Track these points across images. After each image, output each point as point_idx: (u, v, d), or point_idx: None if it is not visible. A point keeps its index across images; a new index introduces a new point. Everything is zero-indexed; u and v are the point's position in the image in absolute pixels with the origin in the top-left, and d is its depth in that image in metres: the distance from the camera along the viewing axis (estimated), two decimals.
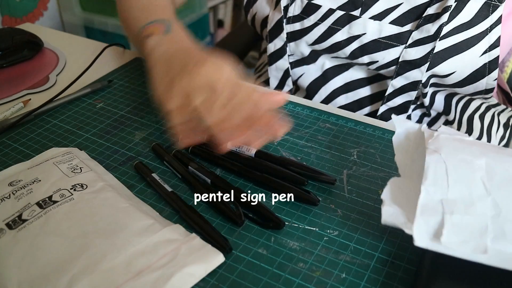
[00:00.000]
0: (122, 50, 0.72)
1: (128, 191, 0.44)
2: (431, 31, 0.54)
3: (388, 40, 0.57)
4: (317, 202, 0.43)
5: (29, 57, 0.69)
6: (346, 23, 0.58)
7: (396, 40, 0.56)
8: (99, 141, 0.52)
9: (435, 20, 0.54)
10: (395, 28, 0.56)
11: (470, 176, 0.37)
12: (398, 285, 0.36)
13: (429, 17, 0.54)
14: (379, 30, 0.57)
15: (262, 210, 0.42)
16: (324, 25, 0.59)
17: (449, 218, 0.34)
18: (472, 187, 0.36)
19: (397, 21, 0.56)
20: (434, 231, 0.34)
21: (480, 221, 0.34)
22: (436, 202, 0.36)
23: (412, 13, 0.56)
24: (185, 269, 0.36)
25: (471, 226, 0.34)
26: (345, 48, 0.59)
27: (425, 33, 0.55)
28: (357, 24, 0.58)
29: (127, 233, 0.38)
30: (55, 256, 0.36)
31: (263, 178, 0.45)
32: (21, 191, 0.42)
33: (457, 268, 0.35)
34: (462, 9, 0.53)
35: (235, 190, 0.43)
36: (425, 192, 0.36)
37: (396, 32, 0.56)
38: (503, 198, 0.36)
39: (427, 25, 0.54)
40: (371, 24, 0.57)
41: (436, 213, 0.35)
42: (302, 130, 0.54)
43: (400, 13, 0.56)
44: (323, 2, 0.59)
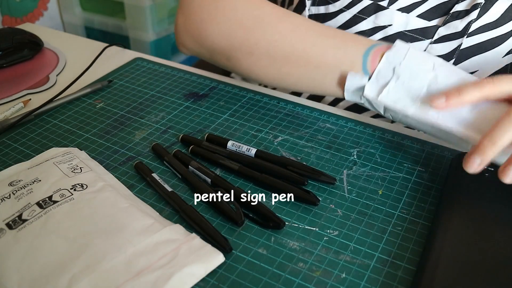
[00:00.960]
0: (122, 50, 0.72)
1: (128, 191, 0.44)
2: (458, 28, 0.54)
3: (414, 34, 0.56)
4: (317, 202, 0.43)
5: (29, 57, 0.69)
6: (372, 12, 0.57)
7: (422, 34, 0.56)
8: (99, 141, 0.52)
9: (464, 16, 0.53)
10: (422, 22, 0.56)
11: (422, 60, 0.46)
12: (398, 285, 0.36)
13: (457, 14, 0.54)
14: (406, 22, 0.56)
15: (262, 210, 0.42)
16: (349, 12, 0.58)
17: (394, 81, 0.46)
18: (421, 64, 0.46)
19: (424, 15, 0.56)
20: (379, 89, 0.46)
21: (418, 87, 0.45)
22: (390, 68, 0.46)
23: (440, 8, 0.55)
24: (185, 269, 0.36)
25: (409, 91, 0.45)
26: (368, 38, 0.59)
27: (453, 29, 0.54)
28: (384, 14, 0.57)
29: (127, 233, 0.38)
30: (55, 256, 0.36)
31: (263, 178, 0.45)
32: (21, 191, 0.42)
33: (457, 268, 0.35)
34: (490, 8, 0.53)
35: (235, 190, 0.43)
36: (385, 58, 0.47)
37: (423, 26, 0.56)
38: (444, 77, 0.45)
39: (455, 22, 0.54)
40: (398, 16, 0.56)
41: (386, 76, 0.46)
42: (302, 130, 0.54)
43: (429, 7, 0.56)
44: None
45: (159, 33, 1.48)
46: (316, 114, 0.57)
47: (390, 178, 0.47)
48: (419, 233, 0.41)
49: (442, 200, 0.43)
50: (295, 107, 0.58)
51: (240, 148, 0.49)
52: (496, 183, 0.43)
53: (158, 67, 0.67)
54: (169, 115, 0.56)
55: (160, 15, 1.47)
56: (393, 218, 0.42)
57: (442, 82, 0.44)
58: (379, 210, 0.43)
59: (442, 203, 0.42)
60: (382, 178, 0.47)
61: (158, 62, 0.69)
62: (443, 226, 0.39)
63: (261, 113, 0.57)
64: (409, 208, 0.43)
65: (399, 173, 0.47)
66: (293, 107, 0.58)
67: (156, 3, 1.42)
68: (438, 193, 0.45)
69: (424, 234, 0.41)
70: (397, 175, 0.47)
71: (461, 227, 0.39)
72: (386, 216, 0.42)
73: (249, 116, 0.56)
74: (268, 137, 0.53)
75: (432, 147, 0.51)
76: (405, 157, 0.50)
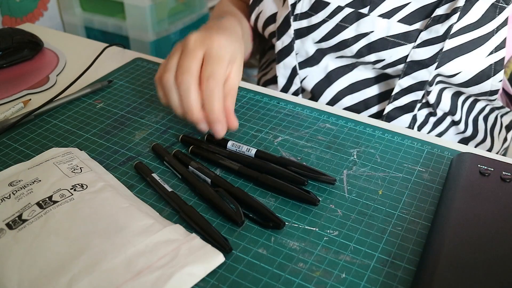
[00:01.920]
0: (122, 50, 0.72)
1: (128, 191, 0.44)
2: (440, 32, 0.54)
3: (396, 39, 0.57)
4: (317, 202, 0.43)
5: (29, 57, 0.69)
6: (354, 20, 0.58)
7: (404, 39, 0.56)
8: (99, 141, 0.52)
9: (444, 20, 0.54)
10: (403, 27, 0.56)
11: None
12: (398, 285, 0.36)
13: (438, 18, 0.54)
14: (387, 28, 0.57)
15: (262, 210, 0.42)
16: (332, 22, 0.59)
17: None
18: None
19: (405, 20, 0.56)
20: None
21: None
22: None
23: (420, 13, 0.56)
24: (185, 269, 0.36)
25: None
26: (352, 46, 0.59)
27: (434, 34, 0.55)
28: (365, 21, 0.57)
29: (127, 233, 0.38)
30: (55, 256, 0.36)
31: (264, 178, 0.45)
32: (21, 191, 0.42)
33: (456, 268, 0.35)
34: (470, 9, 0.53)
35: (235, 190, 0.43)
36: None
37: (404, 30, 0.56)
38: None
39: (436, 26, 0.54)
40: (379, 22, 0.57)
41: None
42: (302, 130, 0.54)
43: (409, 11, 0.56)
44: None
45: (159, 33, 1.48)
46: (316, 114, 0.57)
47: (390, 178, 0.47)
48: (419, 233, 0.41)
49: (442, 200, 0.43)
50: (295, 107, 0.58)
51: (240, 148, 0.49)
52: (496, 184, 0.43)
53: (158, 67, 0.67)
54: (169, 115, 0.56)
55: (160, 15, 1.47)
56: (393, 218, 0.42)
57: None
58: (379, 210, 0.43)
59: (442, 203, 0.42)
60: (382, 178, 0.47)
61: (158, 62, 0.69)
62: (443, 226, 0.39)
63: (261, 113, 0.57)
64: (409, 208, 0.43)
65: (399, 173, 0.47)
66: (293, 107, 0.58)
67: (156, 3, 1.42)
68: (438, 193, 0.45)
69: (424, 234, 0.41)
70: (397, 175, 0.47)
71: (461, 227, 0.39)
72: (386, 216, 0.42)
73: (249, 116, 0.56)
74: (268, 137, 0.53)
75: (432, 147, 0.51)
76: (405, 157, 0.50)
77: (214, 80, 0.46)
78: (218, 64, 0.46)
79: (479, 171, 0.45)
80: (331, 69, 0.65)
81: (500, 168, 0.45)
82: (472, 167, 0.45)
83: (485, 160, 0.46)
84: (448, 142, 0.52)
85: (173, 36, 1.56)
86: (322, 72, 0.65)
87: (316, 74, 0.66)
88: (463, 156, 0.47)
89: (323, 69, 0.65)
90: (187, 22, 1.59)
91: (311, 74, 0.66)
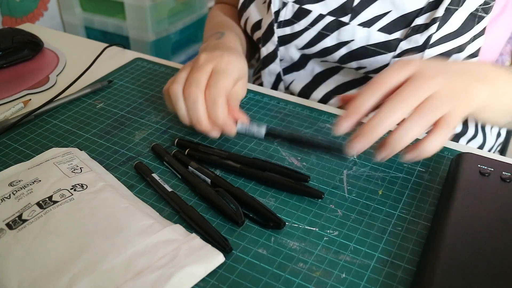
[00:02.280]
0: (122, 50, 0.72)
1: (128, 191, 0.44)
2: (419, 42, 0.54)
3: (376, 48, 0.57)
4: (322, 195, 0.43)
5: (29, 57, 0.69)
6: (335, 28, 0.58)
7: (384, 48, 0.56)
8: (99, 141, 0.52)
9: (423, 30, 0.54)
10: (383, 36, 0.56)
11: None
12: (398, 285, 0.36)
13: (418, 28, 0.54)
14: (367, 37, 0.57)
15: (262, 210, 0.42)
16: (314, 30, 0.60)
17: None
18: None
19: (385, 29, 0.56)
20: None
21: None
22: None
23: (400, 22, 0.56)
24: (185, 269, 0.36)
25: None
26: (334, 53, 0.60)
27: (414, 43, 0.55)
28: (346, 30, 0.58)
29: (127, 233, 0.38)
30: (55, 256, 0.36)
31: (266, 176, 0.45)
32: (21, 191, 0.42)
33: (456, 268, 0.35)
34: (449, 18, 0.53)
35: (235, 190, 0.43)
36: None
37: (384, 40, 0.56)
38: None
39: (415, 36, 0.54)
40: (359, 31, 0.57)
41: None
42: (302, 130, 0.54)
43: (389, 20, 0.56)
44: (313, 7, 0.59)
45: (159, 33, 1.48)
46: (316, 114, 0.57)
47: (390, 178, 0.47)
48: (419, 233, 0.41)
49: (442, 200, 0.43)
50: (295, 107, 0.58)
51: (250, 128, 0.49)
52: (496, 184, 0.43)
53: (158, 67, 0.67)
54: (169, 115, 0.56)
55: (160, 15, 1.47)
56: (393, 218, 0.42)
57: None
58: (379, 210, 0.43)
59: (442, 203, 0.42)
60: (382, 178, 0.47)
61: (158, 62, 0.69)
62: (443, 226, 0.39)
63: (261, 113, 0.57)
64: (409, 208, 0.43)
65: (399, 173, 0.47)
66: (293, 107, 0.58)
67: (156, 3, 1.42)
68: (438, 193, 0.45)
69: (424, 234, 0.41)
70: (397, 175, 0.47)
71: (461, 227, 0.39)
72: (386, 216, 0.42)
73: (249, 116, 0.56)
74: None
75: None
76: None
77: (217, 88, 0.47)
78: (223, 77, 0.48)
79: (479, 171, 0.45)
80: (317, 72, 0.65)
81: (500, 168, 0.45)
82: (472, 167, 0.45)
83: (485, 160, 0.46)
84: (448, 142, 0.52)
85: (173, 36, 1.55)
86: (309, 75, 0.66)
87: (302, 77, 0.66)
88: (463, 156, 0.47)
89: (309, 73, 0.66)
90: (187, 22, 1.59)
91: (298, 78, 0.67)
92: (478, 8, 0.53)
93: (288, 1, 0.60)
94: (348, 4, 0.58)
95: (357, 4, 0.57)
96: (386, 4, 0.56)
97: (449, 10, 0.53)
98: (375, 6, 0.56)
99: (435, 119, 0.40)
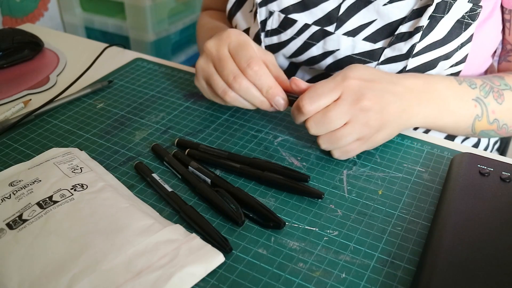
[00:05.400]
0: (122, 50, 0.72)
1: (128, 191, 0.45)
2: (403, 50, 0.54)
3: (361, 57, 0.56)
4: (322, 195, 0.44)
5: (29, 57, 0.69)
6: (321, 38, 0.58)
7: (369, 57, 0.56)
8: (99, 141, 0.52)
9: (407, 39, 0.53)
10: (368, 45, 0.56)
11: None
12: (398, 285, 0.36)
13: (402, 35, 0.54)
14: (353, 46, 0.57)
15: (262, 210, 0.42)
16: (300, 39, 0.59)
17: None
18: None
19: (370, 38, 0.56)
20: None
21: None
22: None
23: (385, 30, 0.55)
24: (185, 269, 0.36)
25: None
26: (320, 62, 0.59)
27: (397, 52, 0.54)
28: (331, 40, 0.57)
29: (127, 233, 0.38)
30: (55, 256, 0.36)
31: (267, 176, 0.45)
32: (22, 191, 0.42)
33: (456, 268, 0.35)
34: (435, 27, 0.52)
35: (235, 190, 0.44)
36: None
37: (369, 49, 0.56)
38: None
39: (399, 44, 0.54)
40: (344, 40, 0.57)
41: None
42: (302, 130, 0.54)
43: (374, 29, 0.56)
44: (299, 17, 0.59)
45: (159, 33, 1.48)
46: None
47: (390, 178, 0.47)
48: (419, 233, 0.41)
49: (441, 200, 0.43)
50: None
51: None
52: (496, 184, 0.43)
53: (158, 67, 0.67)
54: (169, 115, 0.56)
55: (160, 15, 1.47)
56: (393, 218, 0.42)
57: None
58: (379, 210, 0.43)
59: (442, 203, 0.42)
60: (382, 178, 0.47)
61: (158, 62, 0.69)
62: (443, 226, 0.39)
63: (261, 113, 0.57)
64: (409, 208, 0.43)
65: (399, 173, 0.47)
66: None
67: (156, 3, 1.43)
68: (438, 193, 0.45)
69: (424, 234, 0.41)
70: (397, 175, 0.47)
71: (461, 227, 0.39)
72: (386, 216, 0.43)
73: (249, 116, 0.56)
74: (268, 137, 0.53)
75: (432, 147, 0.51)
76: (404, 157, 0.50)
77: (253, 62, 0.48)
78: (245, 48, 0.49)
79: (479, 171, 0.45)
80: (307, 79, 0.65)
81: (500, 168, 0.45)
82: (472, 167, 0.45)
83: (484, 160, 0.46)
84: (448, 142, 0.52)
85: (173, 36, 1.56)
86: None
87: None
88: (463, 156, 0.47)
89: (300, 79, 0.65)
90: (187, 22, 1.59)
91: None
92: (464, 15, 0.52)
93: (274, 11, 0.60)
94: (333, 13, 0.57)
95: (343, 13, 0.57)
96: (371, 13, 0.55)
97: (434, 18, 0.52)
98: (360, 15, 0.56)
99: (340, 145, 0.47)
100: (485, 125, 0.53)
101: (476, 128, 0.53)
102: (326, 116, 0.45)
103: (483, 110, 0.52)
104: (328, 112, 0.45)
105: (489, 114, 0.53)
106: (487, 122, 0.53)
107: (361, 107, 0.45)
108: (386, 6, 0.54)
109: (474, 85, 0.53)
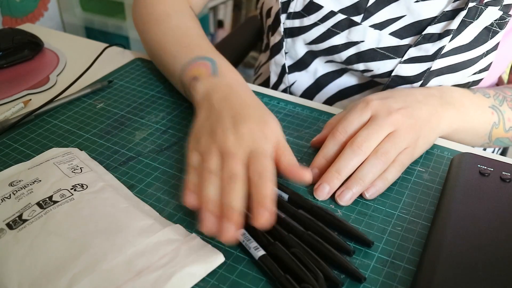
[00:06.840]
0: (122, 50, 0.72)
1: (128, 191, 0.45)
2: (430, 51, 0.53)
3: (386, 51, 0.56)
4: (363, 279, 0.36)
5: (29, 57, 0.69)
6: (346, 27, 0.57)
7: (394, 53, 0.55)
8: (99, 141, 0.52)
9: (435, 40, 0.53)
10: (394, 40, 0.55)
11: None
12: (398, 285, 0.36)
13: (430, 36, 0.53)
14: (378, 39, 0.56)
15: (351, 230, 0.39)
16: (323, 26, 0.58)
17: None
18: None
19: (396, 33, 0.55)
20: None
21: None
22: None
23: (413, 27, 0.55)
24: (185, 269, 0.36)
25: None
26: (341, 52, 0.58)
27: (423, 52, 0.53)
28: (357, 30, 0.57)
29: (127, 233, 0.38)
30: (55, 256, 0.36)
31: (309, 237, 0.39)
32: (22, 191, 0.42)
33: (456, 268, 0.35)
34: (463, 31, 0.52)
35: (317, 209, 0.41)
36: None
37: (395, 44, 0.55)
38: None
39: (426, 44, 0.53)
40: (370, 33, 0.56)
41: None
42: (302, 130, 0.54)
43: (402, 25, 0.55)
44: (325, 3, 0.58)
45: None
46: (316, 114, 0.57)
47: None
48: (419, 233, 0.41)
49: (441, 200, 0.43)
50: (295, 107, 0.58)
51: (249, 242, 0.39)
52: (496, 184, 0.43)
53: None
54: (169, 115, 0.56)
55: None
56: (393, 218, 0.42)
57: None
58: (379, 210, 0.43)
59: (442, 203, 0.42)
60: None
61: None
62: (443, 226, 0.39)
63: None
64: (409, 208, 0.43)
65: None
66: (293, 107, 0.58)
67: None
68: (438, 193, 0.45)
69: (424, 234, 0.41)
70: None
71: (461, 227, 0.39)
72: (386, 216, 0.42)
73: None
74: None
75: (432, 147, 0.51)
76: None
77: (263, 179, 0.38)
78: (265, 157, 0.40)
79: (479, 171, 0.45)
80: (320, 75, 0.64)
81: (500, 168, 0.45)
82: (472, 167, 0.45)
83: (485, 160, 0.46)
84: (448, 142, 0.52)
85: None
86: (311, 77, 0.65)
87: (305, 79, 0.65)
88: (463, 156, 0.47)
89: (312, 74, 0.64)
90: None
91: (300, 80, 0.65)
92: (493, 22, 0.51)
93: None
94: (362, 3, 0.56)
95: (371, 4, 0.56)
96: (401, 8, 0.55)
97: (464, 22, 0.51)
98: (389, 8, 0.55)
99: (391, 158, 0.45)
100: (502, 132, 0.54)
101: (492, 136, 0.54)
102: (368, 135, 0.45)
103: (499, 117, 0.53)
104: (366, 130, 0.45)
105: (506, 121, 0.53)
106: (503, 130, 0.54)
107: (395, 117, 0.46)
108: (418, 3, 0.54)
109: (488, 95, 0.54)
